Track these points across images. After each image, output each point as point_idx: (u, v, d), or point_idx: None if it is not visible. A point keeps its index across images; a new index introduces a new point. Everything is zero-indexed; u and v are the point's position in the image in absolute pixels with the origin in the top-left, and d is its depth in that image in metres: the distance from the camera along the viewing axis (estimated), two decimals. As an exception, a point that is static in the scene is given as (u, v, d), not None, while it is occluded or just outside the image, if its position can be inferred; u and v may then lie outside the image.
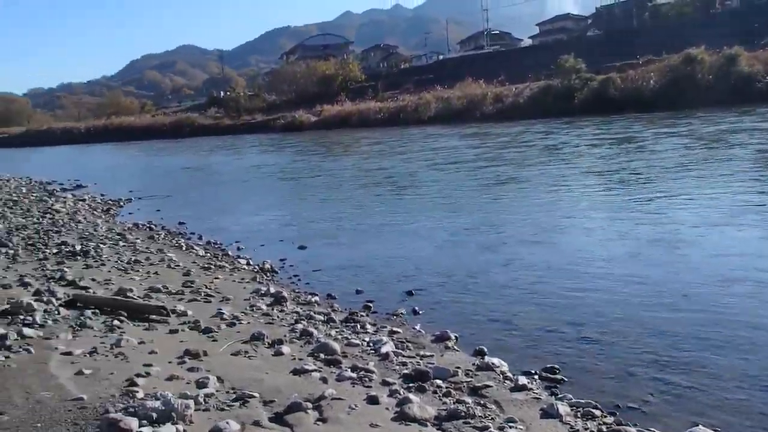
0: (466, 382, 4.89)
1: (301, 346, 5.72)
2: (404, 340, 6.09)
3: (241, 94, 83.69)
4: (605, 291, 7.16)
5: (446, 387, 4.74)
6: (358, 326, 6.58)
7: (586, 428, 4.17)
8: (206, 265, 9.41)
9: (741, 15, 57.48)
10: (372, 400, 4.34)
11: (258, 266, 9.57)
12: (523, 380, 4.90)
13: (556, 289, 7.38)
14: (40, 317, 5.82)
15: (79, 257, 9.31)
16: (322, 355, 5.40)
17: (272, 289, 7.92)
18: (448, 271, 8.56)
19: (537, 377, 5.14)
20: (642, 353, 5.46)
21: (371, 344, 5.84)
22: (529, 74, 53.02)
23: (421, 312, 7.09)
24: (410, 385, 4.78)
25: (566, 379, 5.09)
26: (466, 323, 6.61)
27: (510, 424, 4.13)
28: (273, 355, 5.37)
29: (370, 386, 4.70)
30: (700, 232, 9.40)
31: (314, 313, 6.99)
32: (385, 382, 4.80)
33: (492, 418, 4.19)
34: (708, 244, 8.72)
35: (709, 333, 5.75)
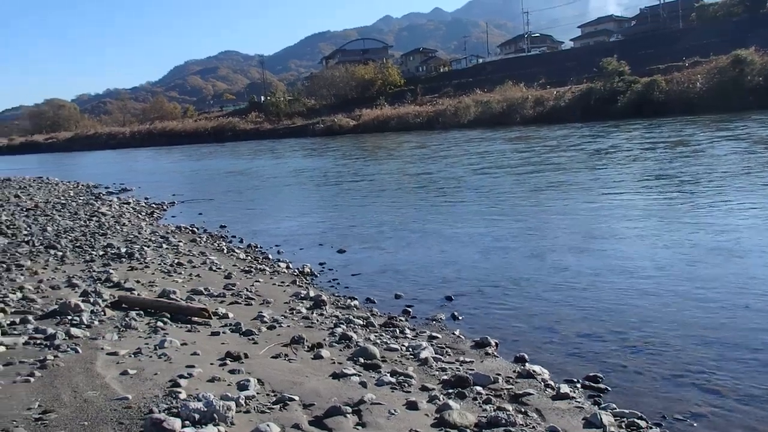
0: (506, 389, 4.82)
1: (341, 350, 5.73)
2: (444, 346, 6.05)
3: (281, 99, 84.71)
4: (654, 300, 6.95)
5: (486, 394, 4.68)
6: (397, 331, 6.56)
7: (631, 439, 4.05)
8: (247, 269, 9.51)
9: (793, 14, 55.75)
10: (411, 405, 4.31)
11: (297, 270, 9.63)
12: (565, 388, 4.81)
13: (601, 297, 7.21)
14: (87, 318, 6.00)
15: (124, 259, 9.53)
16: (361, 359, 5.39)
17: (312, 293, 7.97)
18: (489, 277, 8.46)
19: (579, 386, 5.04)
20: (690, 364, 5.29)
21: (410, 349, 5.82)
22: (570, 77, 52.42)
23: (460, 317, 7.02)
24: (450, 391, 4.74)
25: (609, 389, 4.97)
26: (506, 329, 6.52)
27: (552, 433, 4.05)
28: (312, 358, 5.39)
29: (409, 391, 4.68)
30: (763, 241, 9.00)
31: (353, 317, 6.99)
32: (424, 388, 4.77)
33: (533, 427, 4.12)
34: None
35: (762, 346, 5.53)
